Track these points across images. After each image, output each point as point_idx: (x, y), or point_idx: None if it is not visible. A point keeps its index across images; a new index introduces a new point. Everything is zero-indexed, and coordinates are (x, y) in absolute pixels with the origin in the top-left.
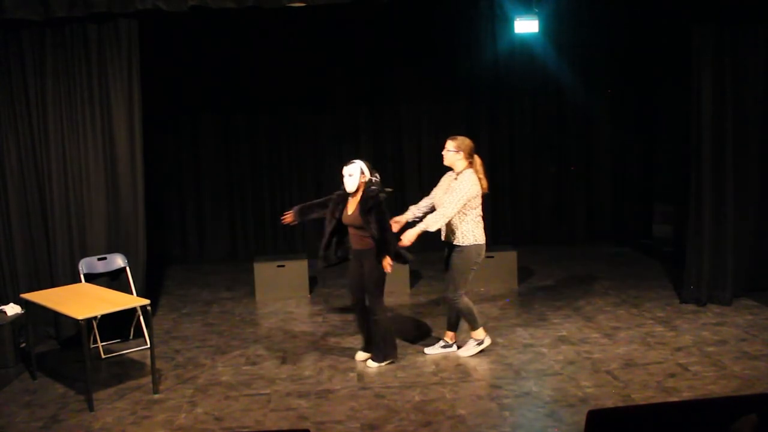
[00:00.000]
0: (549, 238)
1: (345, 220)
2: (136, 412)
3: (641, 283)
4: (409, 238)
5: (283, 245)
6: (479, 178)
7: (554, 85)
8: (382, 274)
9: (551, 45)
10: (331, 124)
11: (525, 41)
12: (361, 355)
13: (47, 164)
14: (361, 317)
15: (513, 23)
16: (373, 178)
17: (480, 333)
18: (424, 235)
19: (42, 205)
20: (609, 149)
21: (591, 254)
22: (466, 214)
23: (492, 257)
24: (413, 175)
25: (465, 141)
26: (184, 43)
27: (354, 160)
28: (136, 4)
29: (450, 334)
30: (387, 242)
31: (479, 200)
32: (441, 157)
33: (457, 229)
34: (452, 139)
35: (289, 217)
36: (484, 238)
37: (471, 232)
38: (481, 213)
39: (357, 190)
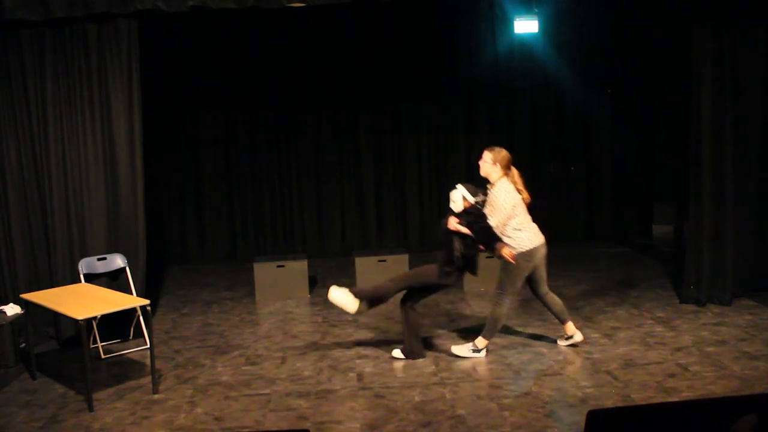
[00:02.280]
0: (549, 238)
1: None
2: (135, 413)
3: (641, 283)
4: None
5: (283, 245)
6: (519, 190)
7: (554, 85)
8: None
9: (551, 45)
10: (331, 124)
11: (525, 41)
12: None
13: (47, 164)
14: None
15: (513, 23)
16: (476, 200)
17: (481, 343)
18: (426, 236)
19: (42, 205)
20: (609, 149)
21: (591, 254)
22: (505, 225)
23: (492, 257)
24: (413, 174)
25: (502, 153)
26: (184, 43)
27: (456, 185)
28: (136, 4)
29: (566, 326)
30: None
31: (519, 209)
32: (440, 157)
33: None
34: (490, 151)
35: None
36: (532, 243)
37: (513, 242)
38: (527, 218)
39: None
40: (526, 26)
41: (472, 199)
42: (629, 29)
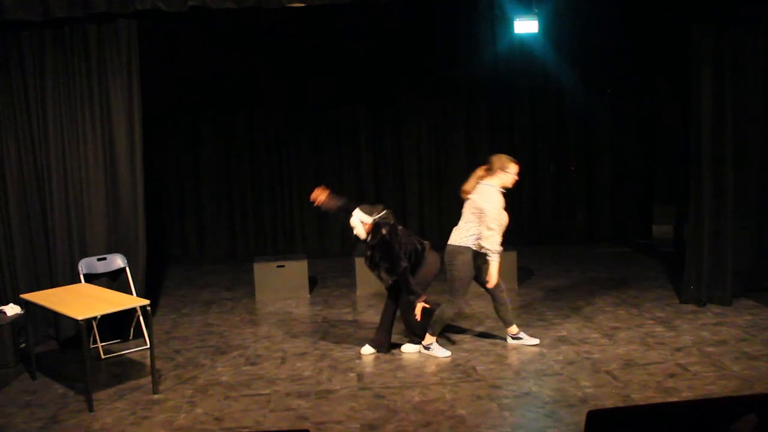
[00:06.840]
0: (549, 238)
1: None
2: (135, 413)
3: (641, 283)
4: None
5: (283, 245)
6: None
7: (554, 85)
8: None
9: (551, 45)
10: (331, 124)
11: (525, 41)
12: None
13: (47, 164)
14: None
15: (513, 23)
16: (375, 218)
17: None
18: (426, 236)
19: (42, 205)
20: (609, 149)
21: (591, 254)
22: None
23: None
24: (413, 175)
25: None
26: (184, 43)
27: (352, 212)
28: (136, 4)
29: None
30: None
31: None
32: (440, 157)
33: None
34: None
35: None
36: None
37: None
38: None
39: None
40: (526, 26)
41: (369, 219)
42: (629, 29)
